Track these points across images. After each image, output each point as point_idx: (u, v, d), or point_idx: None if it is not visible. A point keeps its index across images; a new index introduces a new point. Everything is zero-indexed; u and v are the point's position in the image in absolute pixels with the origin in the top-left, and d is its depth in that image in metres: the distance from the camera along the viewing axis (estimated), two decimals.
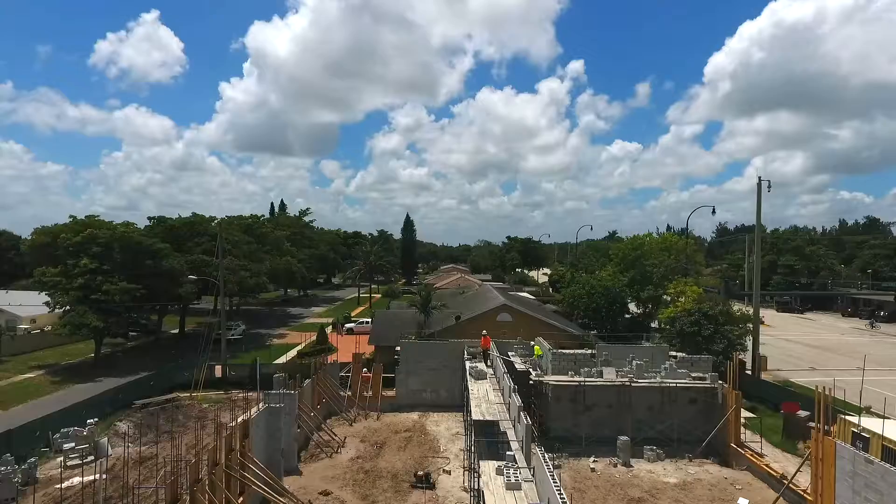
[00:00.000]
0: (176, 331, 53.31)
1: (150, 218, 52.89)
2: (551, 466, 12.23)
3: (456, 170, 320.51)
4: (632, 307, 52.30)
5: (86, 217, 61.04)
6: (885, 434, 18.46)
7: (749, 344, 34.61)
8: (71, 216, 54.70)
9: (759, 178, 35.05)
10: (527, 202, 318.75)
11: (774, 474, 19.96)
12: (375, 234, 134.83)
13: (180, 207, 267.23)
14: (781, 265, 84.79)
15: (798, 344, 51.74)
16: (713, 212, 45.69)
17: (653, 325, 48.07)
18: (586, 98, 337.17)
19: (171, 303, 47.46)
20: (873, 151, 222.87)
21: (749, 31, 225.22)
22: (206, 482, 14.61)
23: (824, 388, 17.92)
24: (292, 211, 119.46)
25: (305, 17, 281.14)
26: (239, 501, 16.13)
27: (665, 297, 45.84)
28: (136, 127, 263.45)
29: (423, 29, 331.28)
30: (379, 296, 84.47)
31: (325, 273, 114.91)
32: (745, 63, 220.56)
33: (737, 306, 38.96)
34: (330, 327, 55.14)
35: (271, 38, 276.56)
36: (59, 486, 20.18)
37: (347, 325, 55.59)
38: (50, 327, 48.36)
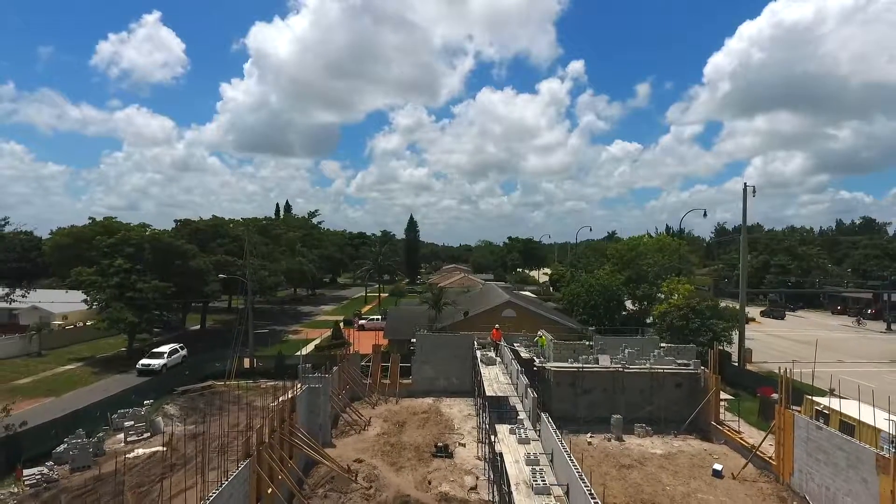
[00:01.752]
0: (197, 327, 56.38)
1: (176, 220, 56.05)
2: (553, 426, 15.26)
3: (456, 170, 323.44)
4: (628, 304, 55.27)
5: (104, 219, 64.33)
6: (842, 411, 21.53)
7: (735, 337, 37.74)
8: (90, 218, 58.03)
9: (745, 183, 38.19)
10: (527, 202, 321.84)
11: (747, 446, 22.99)
12: (378, 234, 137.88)
13: (181, 208, 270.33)
14: (774, 265, 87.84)
15: (785, 339, 54.71)
16: (704, 214, 48.71)
17: (648, 320, 51.04)
18: (586, 98, 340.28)
19: (198, 300, 50.43)
20: (873, 151, 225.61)
21: (749, 32, 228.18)
22: (268, 444, 17.63)
23: (786, 369, 21.02)
24: (296, 212, 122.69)
25: (306, 18, 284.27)
26: (290, 461, 19.16)
27: (659, 294, 48.82)
28: (137, 127, 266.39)
29: (424, 30, 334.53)
30: (386, 295, 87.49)
31: (331, 273, 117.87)
32: (745, 63, 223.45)
33: (724, 303, 42.03)
34: (342, 323, 58.07)
35: (272, 39, 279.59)
36: (127, 455, 23.29)
37: (359, 323, 58.58)
38: (81, 323, 51.41)
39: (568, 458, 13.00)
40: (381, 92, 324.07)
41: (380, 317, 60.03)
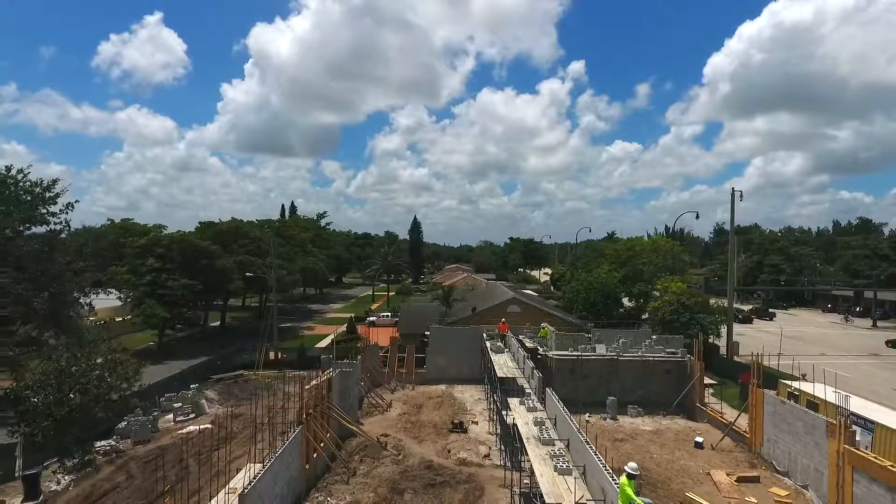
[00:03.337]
0: (217, 323, 59.55)
1: (200, 223, 59.26)
2: (556, 396, 18.35)
3: (456, 170, 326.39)
4: (625, 302, 58.33)
5: (121, 220, 67.45)
6: (809, 391, 24.71)
7: (723, 331, 40.86)
8: (109, 219, 61.41)
9: (733, 189, 41.39)
10: (527, 202, 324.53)
11: (726, 423, 26.09)
12: (380, 234, 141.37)
13: (181, 208, 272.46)
14: (767, 265, 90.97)
15: (774, 335, 57.78)
16: (697, 217, 51.82)
17: (643, 316, 54.10)
18: (587, 98, 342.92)
19: (223, 297, 53.59)
20: (873, 152, 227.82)
21: (748, 32, 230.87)
22: (313, 415, 20.75)
23: (758, 355, 24.19)
24: (299, 212, 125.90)
25: (307, 19, 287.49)
26: (330, 431, 22.30)
27: (654, 292, 51.86)
28: (138, 128, 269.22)
29: (425, 31, 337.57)
30: (393, 293, 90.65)
31: (338, 272, 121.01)
32: (745, 64, 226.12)
33: (713, 300, 45.14)
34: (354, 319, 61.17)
35: (273, 40, 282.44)
36: (179, 431, 26.43)
37: (370, 319, 61.76)
38: (111, 319, 54.56)
39: (568, 419, 16.11)
40: (382, 92, 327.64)
41: (389, 314, 63.26)
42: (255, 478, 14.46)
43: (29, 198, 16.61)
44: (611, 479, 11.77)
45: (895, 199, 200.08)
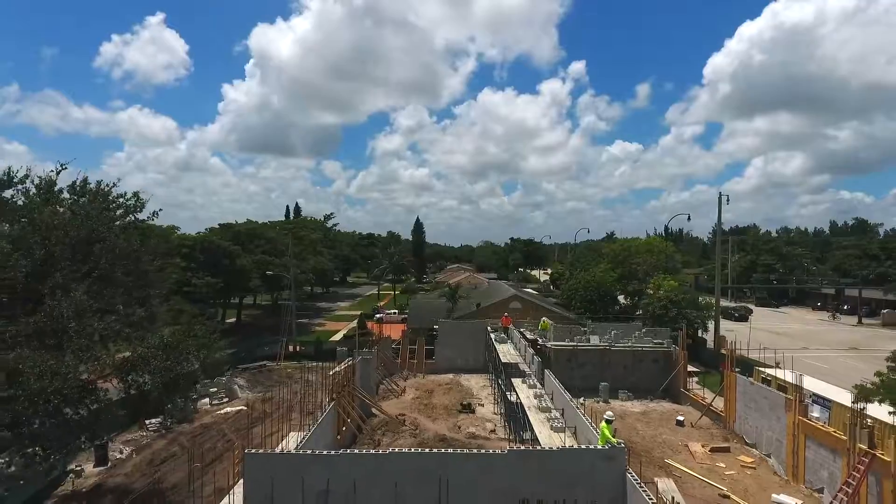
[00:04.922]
0: (233, 320, 62.68)
1: (220, 224, 62.40)
2: (554, 376, 21.46)
3: (457, 170, 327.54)
4: (621, 300, 61.37)
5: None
6: (779, 377, 27.83)
7: (711, 326, 43.99)
8: None
9: (720, 193, 44.49)
10: (527, 202, 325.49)
11: (706, 405, 29.18)
12: (382, 234, 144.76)
13: (182, 208, 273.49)
14: (760, 264, 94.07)
15: (762, 331, 60.75)
16: (689, 218, 54.87)
17: (638, 313, 57.15)
18: (587, 99, 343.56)
19: (244, 294, 56.74)
20: (873, 152, 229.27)
21: (749, 33, 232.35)
22: (343, 393, 23.87)
23: (732, 342, 27.31)
24: (304, 213, 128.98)
25: (308, 20, 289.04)
26: (356, 409, 25.46)
27: (648, 290, 54.90)
28: (140, 128, 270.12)
29: (426, 32, 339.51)
30: (397, 292, 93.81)
31: (343, 272, 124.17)
32: (745, 64, 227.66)
33: (703, 298, 48.25)
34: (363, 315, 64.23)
35: (274, 41, 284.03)
36: (217, 412, 29.57)
37: (378, 316, 64.91)
38: None
39: (563, 393, 19.22)
40: (383, 93, 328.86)
41: (396, 311, 66.45)
42: (304, 439, 17.56)
43: (115, 206, 19.77)
44: (595, 432, 14.86)
45: (895, 200, 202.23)
